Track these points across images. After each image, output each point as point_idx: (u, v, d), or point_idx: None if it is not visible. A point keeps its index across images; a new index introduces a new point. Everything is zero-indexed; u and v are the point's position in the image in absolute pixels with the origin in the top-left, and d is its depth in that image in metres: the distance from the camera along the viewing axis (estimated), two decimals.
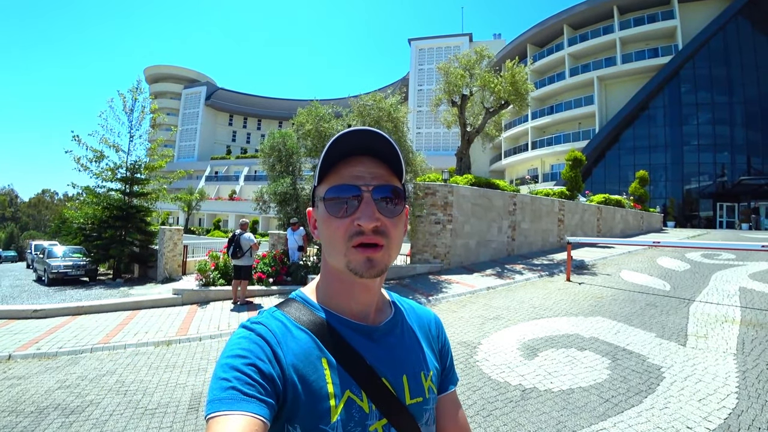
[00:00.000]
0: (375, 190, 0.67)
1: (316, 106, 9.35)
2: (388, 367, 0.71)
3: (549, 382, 3.90)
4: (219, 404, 0.55)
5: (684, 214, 30.83)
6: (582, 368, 4.21)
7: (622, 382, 3.85)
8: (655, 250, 12.51)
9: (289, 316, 0.70)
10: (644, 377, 3.96)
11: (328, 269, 0.73)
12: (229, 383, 0.57)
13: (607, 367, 4.21)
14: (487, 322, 5.96)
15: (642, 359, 4.40)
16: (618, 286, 8.01)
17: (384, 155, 0.69)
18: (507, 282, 8.68)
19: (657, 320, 5.77)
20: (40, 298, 9.81)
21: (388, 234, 0.67)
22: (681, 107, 31.34)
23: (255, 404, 0.56)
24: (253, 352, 0.61)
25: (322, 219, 0.69)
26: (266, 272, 9.03)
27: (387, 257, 0.67)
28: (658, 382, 3.84)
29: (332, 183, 0.68)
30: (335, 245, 0.67)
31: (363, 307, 0.73)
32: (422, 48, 46.55)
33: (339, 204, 0.66)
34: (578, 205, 15.70)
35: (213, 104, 62.92)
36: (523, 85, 12.13)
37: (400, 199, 0.69)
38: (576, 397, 3.60)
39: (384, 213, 0.66)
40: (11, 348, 5.43)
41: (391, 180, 0.69)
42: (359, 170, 0.68)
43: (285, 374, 0.62)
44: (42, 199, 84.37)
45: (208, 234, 34.84)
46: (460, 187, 10.68)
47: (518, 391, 3.74)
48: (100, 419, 3.50)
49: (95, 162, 13.57)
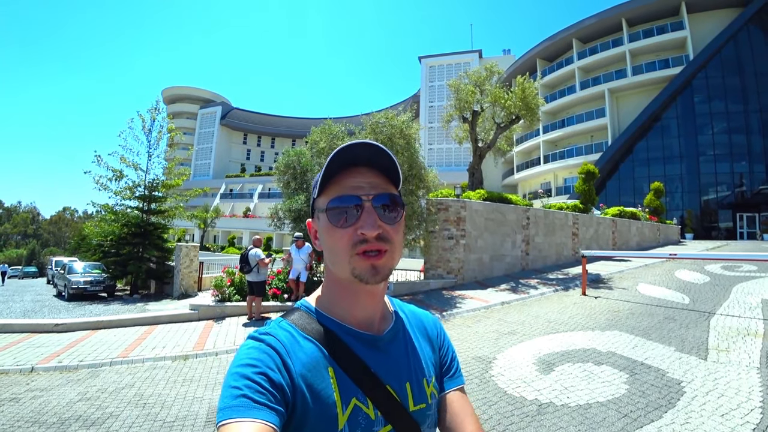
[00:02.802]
0: (375, 198, 0.69)
1: (329, 125, 9.55)
2: (391, 374, 0.73)
3: (566, 397, 3.86)
4: (231, 411, 0.57)
5: (702, 226, 30.18)
6: (599, 383, 4.16)
7: (640, 397, 3.80)
8: (673, 263, 12.28)
9: (296, 326, 0.72)
10: (664, 392, 3.89)
11: (331, 278, 0.75)
12: (240, 391, 0.59)
13: (625, 382, 4.15)
14: (502, 336, 5.93)
15: (661, 373, 4.33)
16: (635, 300, 7.89)
17: (380, 165, 0.72)
18: (521, 297, 8.62)
19: (676, 334, 5.67)
20: (61, 313, 10.00)
21: (390, 239, 0.69)
22: (695, 117, 30.99)
23: (266, 412, 0.57)
24: (264, 361, 0.63)
25: (325, 229, 0.71)
26: (281, 288, 9.13)
27: (390, 261, 0.70)
28: (679, 397, 3.77)
29: (333, 194, 0.70)
30: (339, 254, 0.69)
31: (368, 314, 0.75)
32: (432, 65, 47.12)
33: (341, 214, 0.69)
34: (592, 218, 15.55)
35: (228, 123, 64.34)
36: (534, 100, 12.20)
37: (398, 206, 0.72)
38: (593, 412, 3.57)
39: (385, 220, 0.69)
40: (34, 361, 5.56)
41: (388, 188, 0.72)
42: (358, 181, 0.70)
43: (294, 383, 0.64)
44: (62, 217, 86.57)
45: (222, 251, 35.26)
46: (473, 202, 10.71)
47: (534, 406, 3.72)
48: (119, 431, 3.57)
49: (115, 181, 13.97)
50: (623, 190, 32.98)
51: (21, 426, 3.67)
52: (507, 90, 12.75)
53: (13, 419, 3.82)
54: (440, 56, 47.28)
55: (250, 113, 67.76)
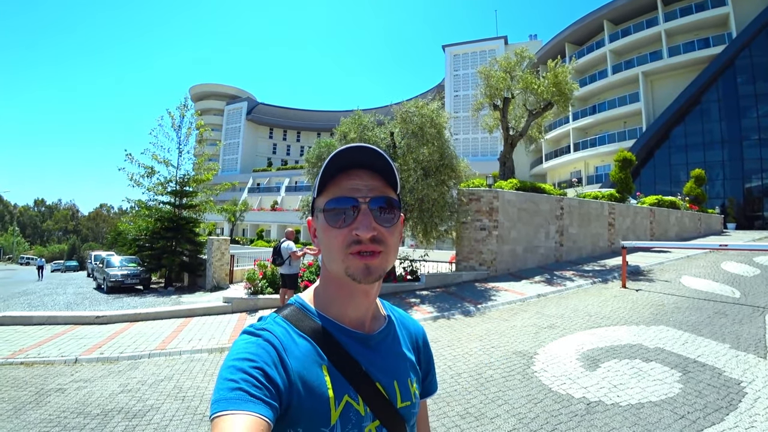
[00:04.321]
0: (372, 201, 0.70)
1: (359, 115, 9.46)
2: (381, 372, 0.74)
3: (615, 396, 3.70)
4: (226, 404, 0.57)
5: (745, 215, 28.62)
6: (650, 381, 3.97)
7: (697, 397, 3.60)
8: (718, 254, 11.67)
9: (290, 322, 0.73)
10: (722, 392, 3.68)
11: (327, 276, 0.77)
12: (237, 384, 0.59)
13: (678, 381, 3.95)
14: (541, 331, 5.76)
15: (717, 372, 4.10)
16: (680, 293, 7.53)
17: (378, 168, 0.72)
18: (558, 289, 8.37)
19: (729, 330, 5.37)
20: (100, 305, 10.39)
21: (385, 241, 0.70)
22: (738, 99, 29.20)
23: (261, 406, 0.58)
24: (260, 356, 0.64)
25: (322, 228, 0.73)
26: (312, 281, 9.18)
27: (384, 262, 0.71)
28: (740, 398, 3.55)
29: (331, 195, 0.71)
30: (334, 253, 0.71)
31: (360, 313, 0.77)
32: (457, 54, 46.22)
33: (338, 215, 0.70)
34: (629, 207, 14.94)
35: (254, 119, 65.20)
36: (567, 85, 11.73)
37: (394, 209, 0.73)
38: (647, 412, 3.39)
39: (380, 222, 0.70)
40: (77, 352, 5.73)
41: (386, 191, 0.73)
42: (356, 183, 0.71)
43: (290, 379, 0.64)
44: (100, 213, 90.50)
45: (251, 244, 35.93)
46: (506, 191, 10.44)
47: (582, 405, 3.57)
48: (160, 424, 3.60)
49: (147, 177, 14.39)
50: (659, 178, 31.63)
51: (66, 417, 3.76)
52: (539, 76, 12.32)
53: (59, 410, 3.92)
54: (464, 44, 46.29)
55: (275, 108, 68.43)
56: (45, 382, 4.69)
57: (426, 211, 8.70)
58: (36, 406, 4.00)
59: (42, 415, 3.79)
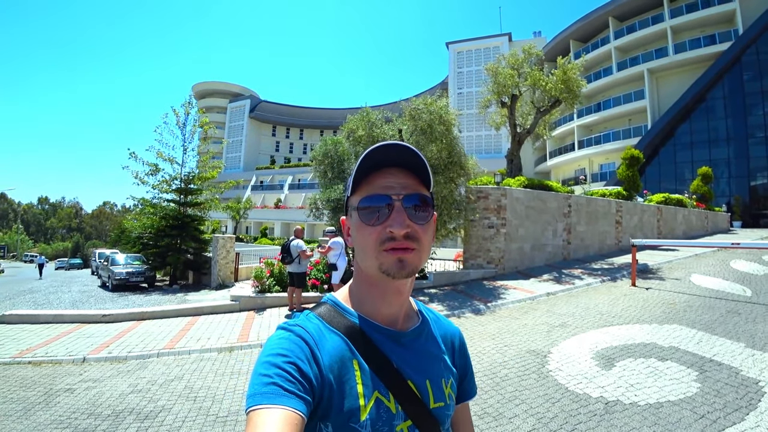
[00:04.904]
0: (405, 198, 0.70)
1: (367, 112, 9.40)
2: (413, 371, 0.74)
3: (633, 395, 3.68)
4: (261, 398, 0.58)
5: (751, 213, 28.46)
6: (667, 380, 3.94)
7: (716, 397, 3.57)
8: (726, 252, 11.61)
9: (323, 319, 0.74)
10: (741, 392, 3.65)
11: (361, 274, 0.77)
12: (271, 379, 0.60)
13: (695, 380, 3.92)
14: (553, 329, 5.73)
15: (734, 372, 4.07)
16: (691, 292, 7.49)
17: (412, 166, 0.73)
18: (567, 287, 8.34)
19: (743, 329, 5.34)
20: (106, 303, 10.32)
21: (418, 239, 0.70)
22: (744, 96, 29.02)
23: (294, 400, 0.58)
24: (294, 351, 0.64)
25: (356, 226, 0.73)
26: (320, 279, 9.17)
27: (418, 259, 0.70)
28: (759, 398, 3.53)
29: (365, 193, 0.72)
30: (368, 250, 0.71)
31: (394, 310, 0.76)
32: (460, 51, 46.05)
33: (372, 213, 0.70)
34: (636, 205, 14.88)
35: (257, 116, 65.26)
36: (576, 82, 11.67)
37: (428, 206, 0.73)
38: (666, 411, 3.37)
39: (414, 220, 0.70)
40: (85, 351, 5.65)
41: (419, 189, 0.73)
42: (389, 181, 0.71)
43: (322, 374, 0.65)
44: (103, 211, 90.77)
45: (255, 242, 36.01)
46: (513, 189, 10.41)
47: (600, 404, 3.55)
48: (173, 426, 3.53)
49: (152, 175, 14.31)
50: (664, 176, 31.48)
51: (77, 418, 3.70)
52: (547, 72, 12.25)
53: (69, 410, 3.86)
54: (468, 41, 46.13)
55: (278, 105, 68.44)
56: (53, 381, 4.61)
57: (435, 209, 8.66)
58: (45, 407, 3.93)
59: (52, 416, 3.73)
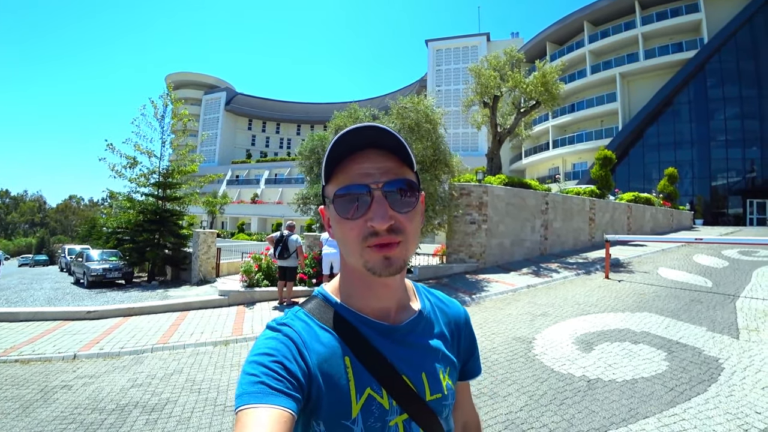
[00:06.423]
0: (385, 185, 0.65)
1: (354, 109, 9.61)
2: (408, 365, 0.72)
3: (611, 373, 4.07)
4: (248, 398, 0.57)
5: (711, 212, 30.21)
6: (640, 360, 4.37)
7: (682, 372, 4.01)
8: (690, 248, 12.44)
9: (313, 315, 0.72)
10: (703, 368, 4.10)
11: (347, 267, 0.74)
12: (258, 378, 0.59)
13: (664, 359, 4.36)
14: (536, 318, 6.14)
15: (698, 351, 4.53)
16: (658, 283, 8.07)
17: (390, 147, 0.67)
18: (545, 280, 8.82)
19: (705, 315, 5.87)
20: (84, 300, 10.06)
21: (403, 230, 0.66)
22: (707, 102, 30.72)
23: (283, 398, 0.58)
24: (280, 351, 0.64)
25: (335, 220, 0.68)
26: (308, 273, 9.32)
27: (405, 252, 0.67)
28: (719, 373, 3.98)
29: (340, 183, 0.66)
30: (350, 246, 0.67)
31: (384, 304, 0.74)
32: (439, 48, 46.55)
33: (349, 203, 0.65)
34: (608, 203, 15.68)
35: (232, 109, 64.02)
36: (555, 85, 12.23)
37: (413, 190, 0.68)
38: (641, 386, 3.77)
39: (397, 208, 0.65)
40: (74, 348, 5.57)
41: (402, 171, 0.68)
42: (367, 167, 0.66)
43: (310, 372, 0.64)
44: (69, 205, 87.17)
45: (233, 237, 35.52)
46: (495, 187, 10.86)
47: (584, 382, 3.93)
48: (182, 416, 3.57)
49: (129, 168, 13.99)
50: (633, 175, 32.91)
51: (81, 413, 3.70)
52: (527, 75, 12.74)
53: (71, 406, 3.85)
54: (447, 39, 46.64)
55: (255, 98, 67.27)
56: (47, 379, 4.58)
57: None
58: (44, 404, 3.93)
59: (53, 413, 3.73)
